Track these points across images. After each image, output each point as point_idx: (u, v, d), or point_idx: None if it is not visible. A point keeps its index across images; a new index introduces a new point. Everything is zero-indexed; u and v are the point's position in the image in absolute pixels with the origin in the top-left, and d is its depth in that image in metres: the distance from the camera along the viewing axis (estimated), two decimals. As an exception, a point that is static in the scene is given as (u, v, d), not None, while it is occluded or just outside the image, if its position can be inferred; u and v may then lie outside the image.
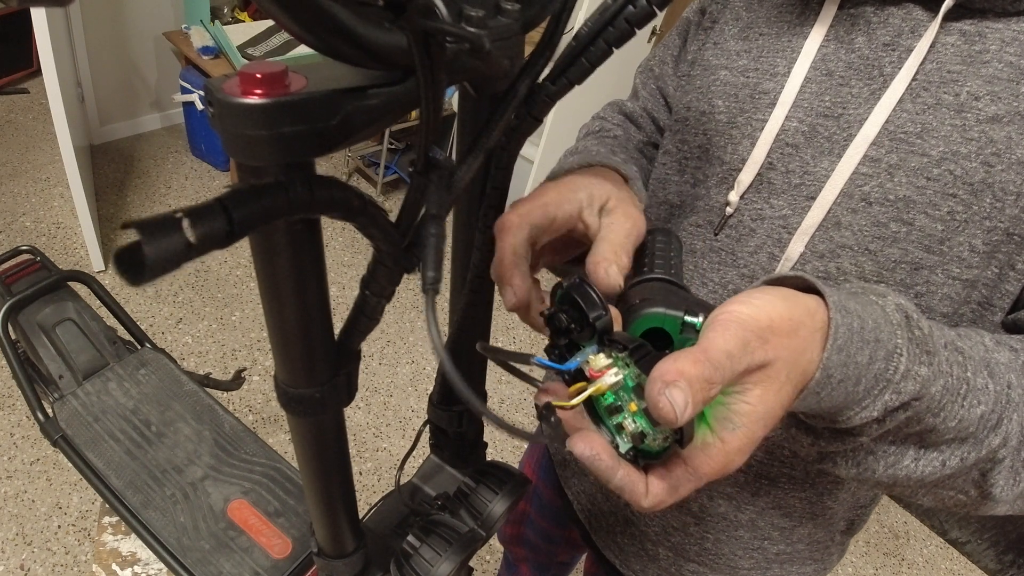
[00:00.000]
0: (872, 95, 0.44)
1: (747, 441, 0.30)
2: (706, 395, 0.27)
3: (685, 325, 0.33)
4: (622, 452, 0.30)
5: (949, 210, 0.42)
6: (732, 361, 0.28)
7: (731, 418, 0.30)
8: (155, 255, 0.17)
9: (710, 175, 0.54)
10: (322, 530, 0.46)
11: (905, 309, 0.35)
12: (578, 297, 0.30)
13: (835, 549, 0.63)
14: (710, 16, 0.57)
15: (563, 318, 0.31)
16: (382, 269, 0.31)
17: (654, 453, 0.30)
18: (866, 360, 0.32)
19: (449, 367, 0.25)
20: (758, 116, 0.49)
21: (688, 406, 0.26)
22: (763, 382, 0.30)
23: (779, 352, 0.30)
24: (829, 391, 0.32)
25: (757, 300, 0.30)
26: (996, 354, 0.39)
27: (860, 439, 0.36)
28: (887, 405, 0.33)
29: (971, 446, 0.38)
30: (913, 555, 1.95)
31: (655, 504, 0.30)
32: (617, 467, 0.30)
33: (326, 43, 0.21)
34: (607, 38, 0.30)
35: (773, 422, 0.31)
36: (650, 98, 0.66)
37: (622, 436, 0.30)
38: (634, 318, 0.34)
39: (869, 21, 0.45)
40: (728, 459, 0.30)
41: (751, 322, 0.29)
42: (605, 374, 0.29)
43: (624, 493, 0.30)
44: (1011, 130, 0.40)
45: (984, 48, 0.41)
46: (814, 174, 0.47)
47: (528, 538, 0.93)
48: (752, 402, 0.30)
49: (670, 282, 0.39)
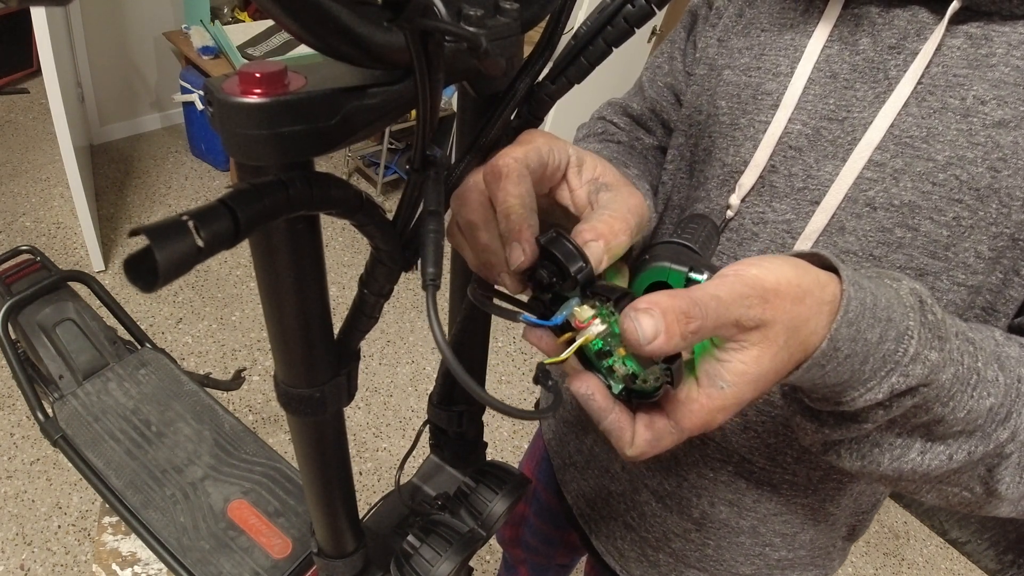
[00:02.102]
0: (877, 98, 0.44)
1: (733, 401, 0.29)
2: (683, 328, 0.26)
3: (689, 281, 0.33)
4: (615, 393, 0.31)
5: (955, 215, 0.41)
6: (719, 304, 0.27)
7: (722, 375, 0.29)
8: (167, 260, 0.17)
9: (712, 177, 0.53)
10: (322, 530, 0.46)
11: (919, 293, 0.34)
12: (556, 252, 0.30)
13: (837, 555, 0.63)
14: (716, 13, 0.56)
15: (544, 274, 0.31)
16: (380, 268, 0.31)
17: (648, 392, 0.30)
18: (876, 338, 0.31)
19: (451, 359, 0.25)
20: (760, 118, 0.49)
21: (660, 335, 0.25)
22: (760, 343, 0.29)
23: (779, 315, 0.29)
24: (835, 366, 0.31)
25: (767, 263, 0.30)
26: (1007, 348, 0.38)
27: (865, 426, 0.35)
28: (893, 388, 0.33)
29: (979, 440, 0.37)
30: (913, 555, 1.95)
31: (638, 454, 0.30)
32: (610, 409, 0.30)
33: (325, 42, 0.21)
34: (606, 37, 0.30)
35: (764, 387, 0.30)
36: (657, 96, 0.63)
37: (614, 378, 0.31)
38: (639, 271, 0.34)
39: (874, 22, 0.45)
40: (710, 416, 0.29)
41: (755, 280, 0.29)
42: (591, 324, 0.30)
43: (611, 436, 0.30)
44: (1018, 135, 0.39)
45: (991, 51, 0.40)
46: (818, 178, 0.46)
47: (527, 540, 0.92)
48: (747, 361, 0.29)
49: (687, 247, 0.39)
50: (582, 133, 0.66)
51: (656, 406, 0.31)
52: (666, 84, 0.62)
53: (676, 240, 0.39)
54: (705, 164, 0.54)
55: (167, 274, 0.17)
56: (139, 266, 0.17)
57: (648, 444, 0.30)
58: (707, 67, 0.54)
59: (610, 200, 0.33)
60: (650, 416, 0.30)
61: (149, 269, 0.17)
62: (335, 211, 0.24)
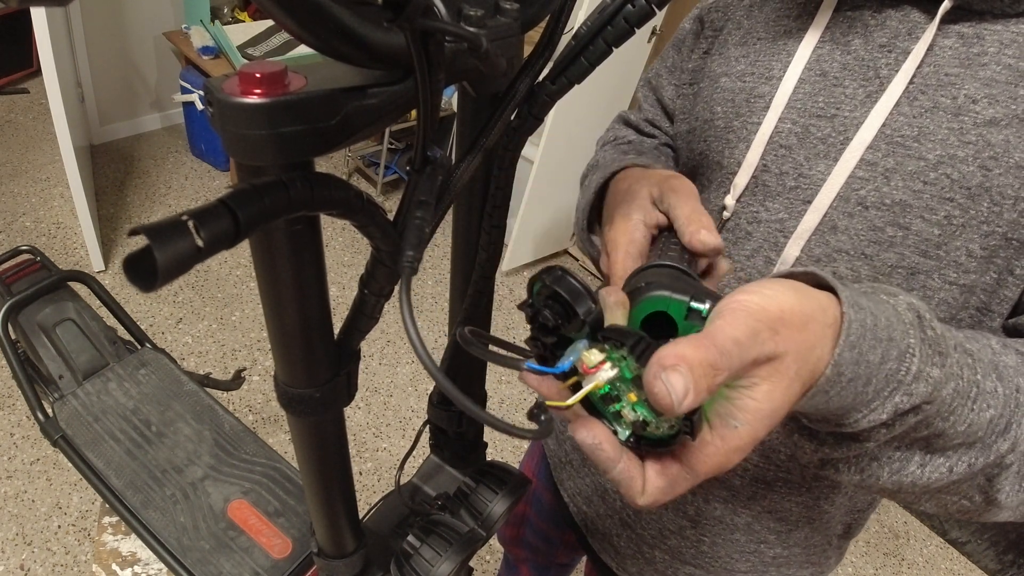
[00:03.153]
0: (868, 97, 0.44)
1: (748, 440, 0.28)
2: (710, 382, 0.25)
3: (691, 311, 0.31)
4: (622, 440, 0.29)
5: (946, 214, 0.41)
6: (740, 348, 0.26)
7: (733, 414, 0.28)
8: (166, 260, 0.17)
9: (708, 181, 0.54)
10: (322, 530, 0.46)
11: (917, 308, 0.34)
12: (563, 291, 0.28)
13: (832, 553, 0.63)
14: (711, 25, 0.57)
15: (548, 315, 0.29)
16: (381, 268, 0.31)
17: (658, 440, 0.28)
18: (878, 359, 0.31)
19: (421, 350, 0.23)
20: (753, 119, 0.49)
21: (689, 393, 0.24)
22: (772, 377, 0.28)
23: (789, 345, 0.28)
24: (839, 390, 0.31)
25: (768, 290, 0.29)
26: (1004, 357, 0.38)
27: (866, 445, 0.35)
28: (897, 407, 0.32)
29: (979, 451, 0.36)
30: (913, 555, 1.95)
31: (650, 502, 0.29)
32: (618, 459, 0.28)
33: (325, 43, 0.21)
34: (606, 37, 0.30)
35: (778, 421, 0.29)
36: (651, 109, 0.67)
37: (620, 423, 0.29)
38: (638, 301, 0.32)
39: (866, 24, 0.45)
40: (726, 458, 0.28)
41: (761, 312, 0.28)
42: (600, 369, 0.28)
43: (621, 487, 0.29)
44: (1009, 133, 0.39)
45: (982, 50, 0.40)
46: (809, 177, 0.46)
47: (528, 540, 0.93)
48: (759, 398, 0.28)
49: (681, 271, 0.37)
50: (599, 144, 0.70)
51: (666, 452, 0.29)
52: (657, 99, 0.66)
53: (668, 264, 0.38)
54: (702, 168, 0.55)
55: (166, 274, 0.17)
56: (139, 266, 0.17)
57: (661, 492, 0.29)
58: (708, 79, 0.55)
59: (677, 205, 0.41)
60: (661, 463, 0.29)
61: (148, 269, 0.17)
62: (335, 211, 0.24)
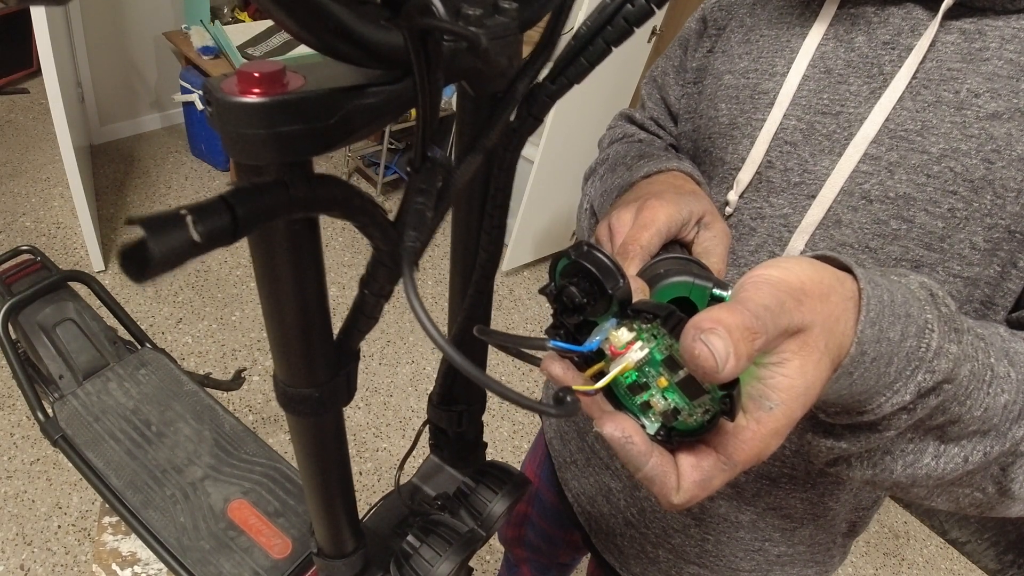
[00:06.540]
0: (872, 93, 0.44)
1: (784, 422, 0.26)
2: (750, 348, 0.23)
3: (713, 298, 0.30)
4: (651, 433, 0.27)
5: (949, 207, 0.42)
6: (771, 314, 0.25)
7: (767, 395, 0.26)
8: (160, 251, 0.17)
9: (712, 177, 0.54)
10: (322, 530, 0.46)
11: (929, 287, 0.33)
12: (591, 266, 0.26)
13: (836, 551, 0.63)
14: (715, 24, 0.57)
15: (575, 292, 0.27)
16: (381, 269, 0.31)
17: (691, 430, 0.27)
18: (898, 336, 0.30)
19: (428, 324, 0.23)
20: (757, 116, 0.49)
21: (730, 356, 0.22)
22: (802, 351, 0.27)
23: (815, 316, 0.27)
24: (862, 371, 0.30)
25: (783, 264, 0.28)
26: (1013, 344, 0.38)
27: (885, 435, 0.34)
28: (920, 387, 0.31)
29: (994, 439, 0.36)
30: (913, 555, 1.95)
31: (686, 500, 0.27)
32: (650, 453, 0.27)
33: (324, 42, 0.21)
34: (606, 37, 0.30)
35: (812, 400, 0.27)
36: (656, 108, 0.67)
37: (648, 415, 0.27)
38: (659, 286, 0.31)
39: (869, 21, 0.45)
40: (764, 443, 0.26)
41: (782, 283, 0.27)
42: (629, 350, 0.26)
43: (654, 486, 0.27)
44: (1011, 126, 0.40)
45: (984, 46, 0.41)
46: (814, 172, 0.47)
47: (529, 539, 0.93)
48: (791, 375, 0.26)
49: (696, 262, 0.37)
50: (606, 142, 0.69)
51: (698, 443, 0.27)
52: (661, 97, 0.66)
53: (682, 255, 0.37)
54: (706, 165, 0.55)
55: (159, 265, 0.17)
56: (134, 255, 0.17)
57: (698, 487, 0.27)
58: (712, 77, 0.55)
59: (711, 239, 0.41)
60: (695, 455, 0.27)
61: (143, 259, 0.17)
62: (335, 212, 0.24)
